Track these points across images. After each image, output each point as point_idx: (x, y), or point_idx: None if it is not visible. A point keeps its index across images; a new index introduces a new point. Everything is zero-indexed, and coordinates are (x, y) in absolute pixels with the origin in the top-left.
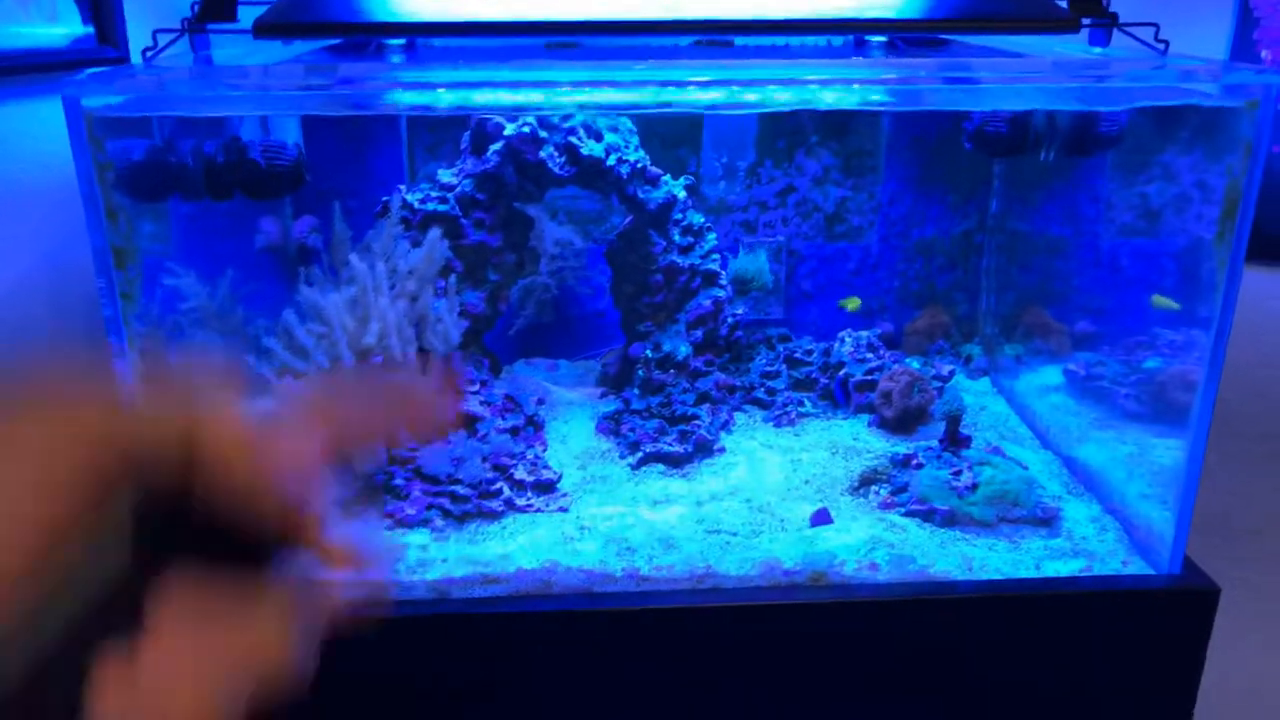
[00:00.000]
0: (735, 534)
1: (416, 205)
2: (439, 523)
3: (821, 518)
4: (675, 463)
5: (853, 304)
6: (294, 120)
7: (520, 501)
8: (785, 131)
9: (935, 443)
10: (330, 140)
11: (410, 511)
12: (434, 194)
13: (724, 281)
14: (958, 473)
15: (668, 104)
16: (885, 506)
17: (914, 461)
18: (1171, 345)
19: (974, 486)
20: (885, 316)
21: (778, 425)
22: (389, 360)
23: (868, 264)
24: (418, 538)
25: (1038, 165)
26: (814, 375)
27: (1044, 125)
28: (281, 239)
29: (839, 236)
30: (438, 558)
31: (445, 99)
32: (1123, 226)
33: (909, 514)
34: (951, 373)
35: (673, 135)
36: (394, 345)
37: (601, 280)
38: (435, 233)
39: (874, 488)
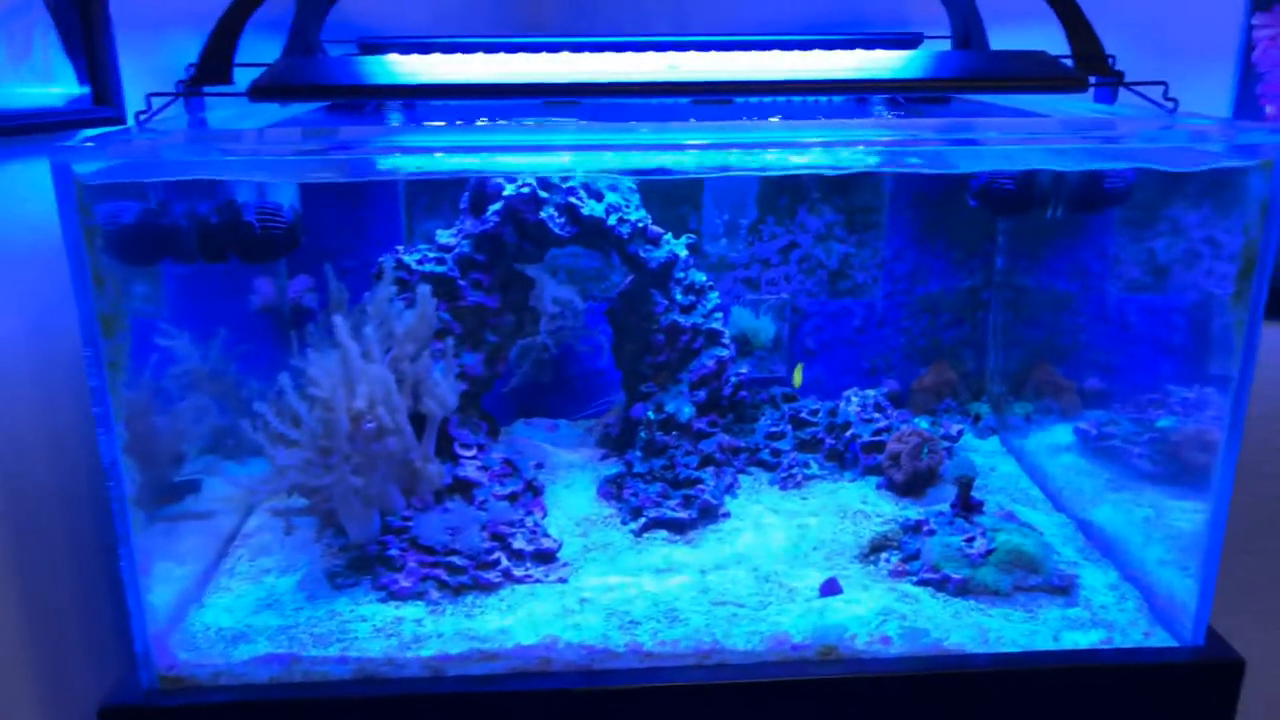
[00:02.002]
0: (742, 605)
1: (414, 266)
2: (434, 595)
3: (831, 588)
4: (679, 529)
5: (797, 378)
6: (289, 184)
7: (519, 572)
8: (787, 189)
9: (947, 507)
10: (327, 200)
11: (405, 583)
12: (431, 255)
13: (727, 340)
14: (971, 539)
15: (665, 169)
16: (896, 575)
17: (925, 527)
18: (1185, 403)
19: (988, 553)
20: (891, 374)
21: (783, 488)
22: (381, 426)
23: (873, 320)
24: (412, 611)
25: (1044, 221)
26: (820, 435)
27: (1050, 182)
28: (277, 299)
29: (843, 293)
30: (433, 633)
31: (444, 163)
32: (1131, 282)
33: (921, 582)
34: (960, 432)
35: (674, 194)
36: (383, 411)
37: (601, 339)
38: (425, 290)
39: (884, 555)
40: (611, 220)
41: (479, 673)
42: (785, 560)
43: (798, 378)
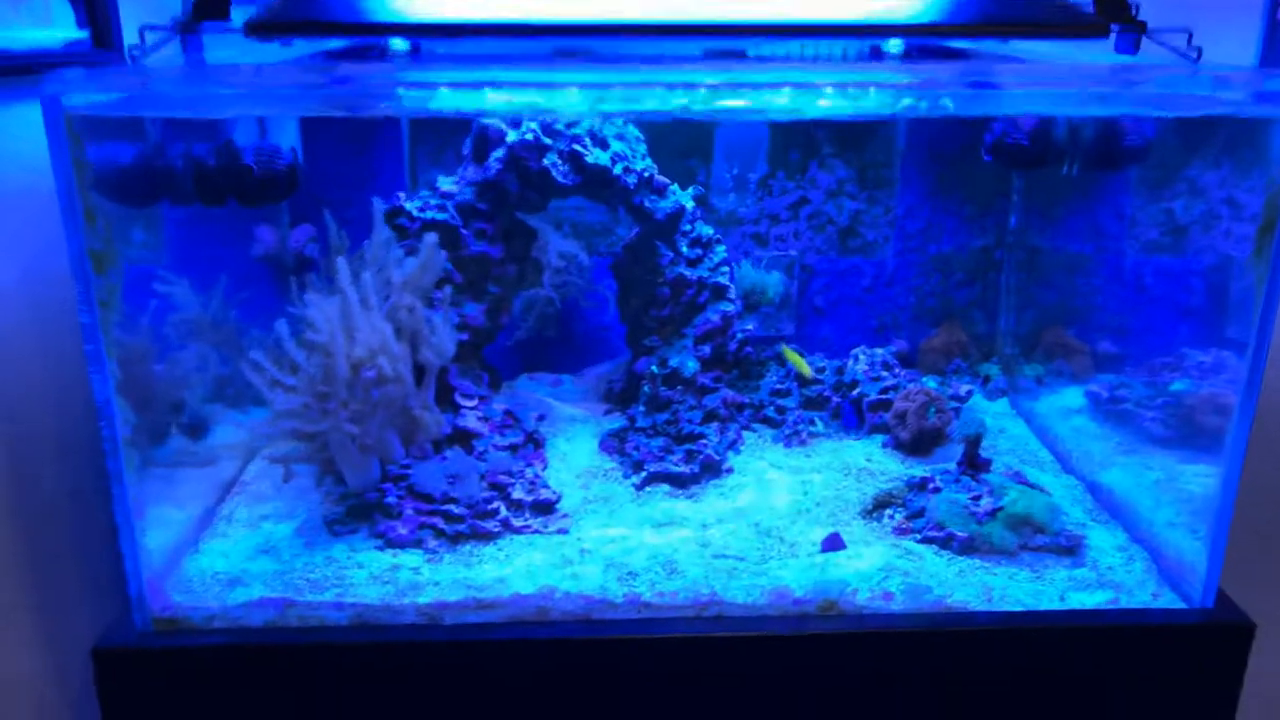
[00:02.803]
0: (742, 559)
1: (415, 213)
2: (432, 543)
3: (833, 543)
4: (681, 483)
5: (796, 361)
6: (291, 125)
7: (517, 522)
8: (798, 143)
9: (953, 466)
10: (329, 146)
11: (402, 531)
12: (433, 202)
13: (733, 295)
14: (977, 497)
15: (686, 112)
16: (900, 532)
17: (931, 485)
18: (1200, 367)
19: (994, 512)
20: (900, 334)
21: (788, 445)
22: (382, 375)
23: (882, 279)
24: (410, 559)
25: (1059, 179)
26: (826, 394)
27: (1066, 138)
28: (279, 248)
29: (853, 251)
30: (430, 580)
31: (447, 100)
32: (1147, 243)
33: (925, 540)
34: (969, 393)
35: (682, 145)
36: (383, 359)
37: (606, 294)
38: (431, 239)
39: (888, 512)
40: (617, 169)
41: (475, 620)
42: (787, 516)
43: (803, 365)
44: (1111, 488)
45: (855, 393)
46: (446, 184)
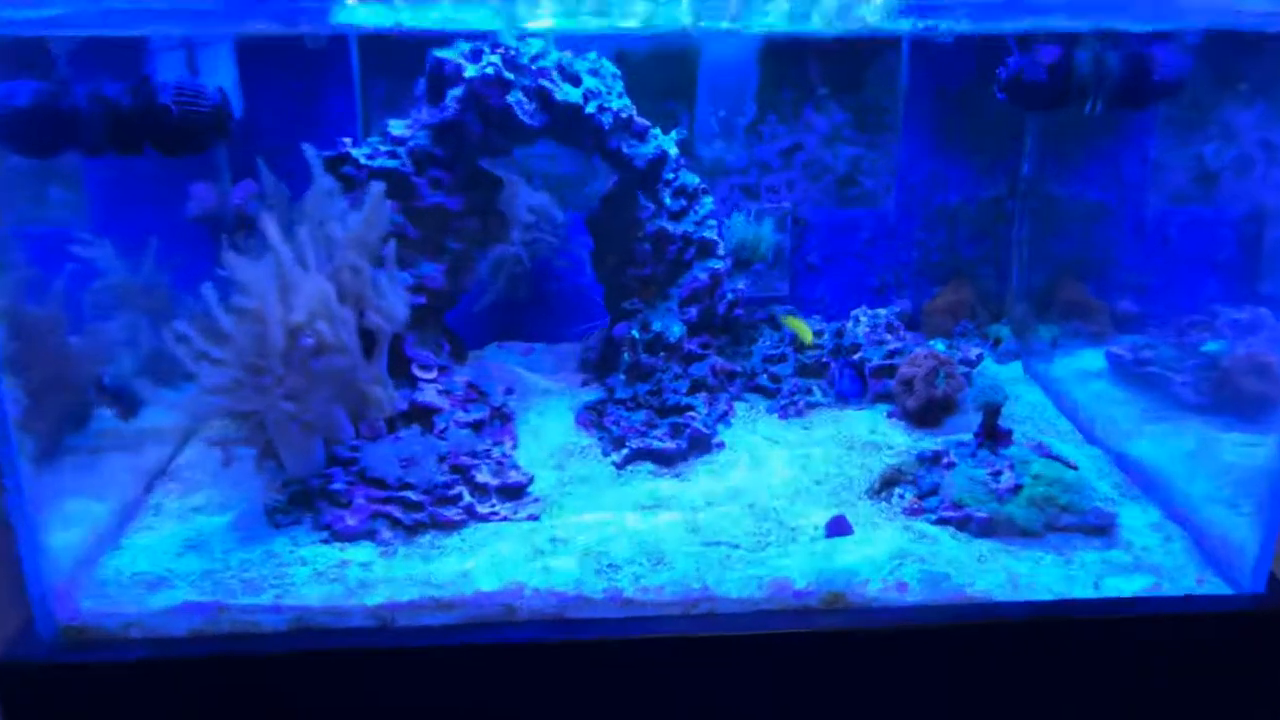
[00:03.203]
0: (737, 546)
1: (363, 161)
2: (386, 535)
3: (838, 527)
4: (666, 461)
5: (796, 326)
6: (227, 63)
7: (483, 509)
8: (791, 82)
9: (969, 437)
10: (272, 89)
11: (351, 522)
12: (383, 148)
13: (721, 252)
14: (997, 473)
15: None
16: (912, 512)
17: (945, 459)
18: (1235, 325)
19: (1016, 489)
20: (903, 293)
21: (783, 416)
22: (321, 342)
23: (883, 233)
24: (360, 553)
25: (1078, 121)
26: (824, 360)
27: (1090, 72)
28: (217, 206)
29: (851, 201)
30: (383, 577)
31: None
32: (1174, 192)
33: (940, 521)
34: (979, 356)
35: (662, 84)
36: (323, 325)
37: (583, 252)
38: (378, 189)
39: (898, 490)
40: (590, 108)
41: (434, 623)
42: (786, 496)
43: (805, 330)
44: (1141, 459)
45: (856, 357)
46: (398, 128)
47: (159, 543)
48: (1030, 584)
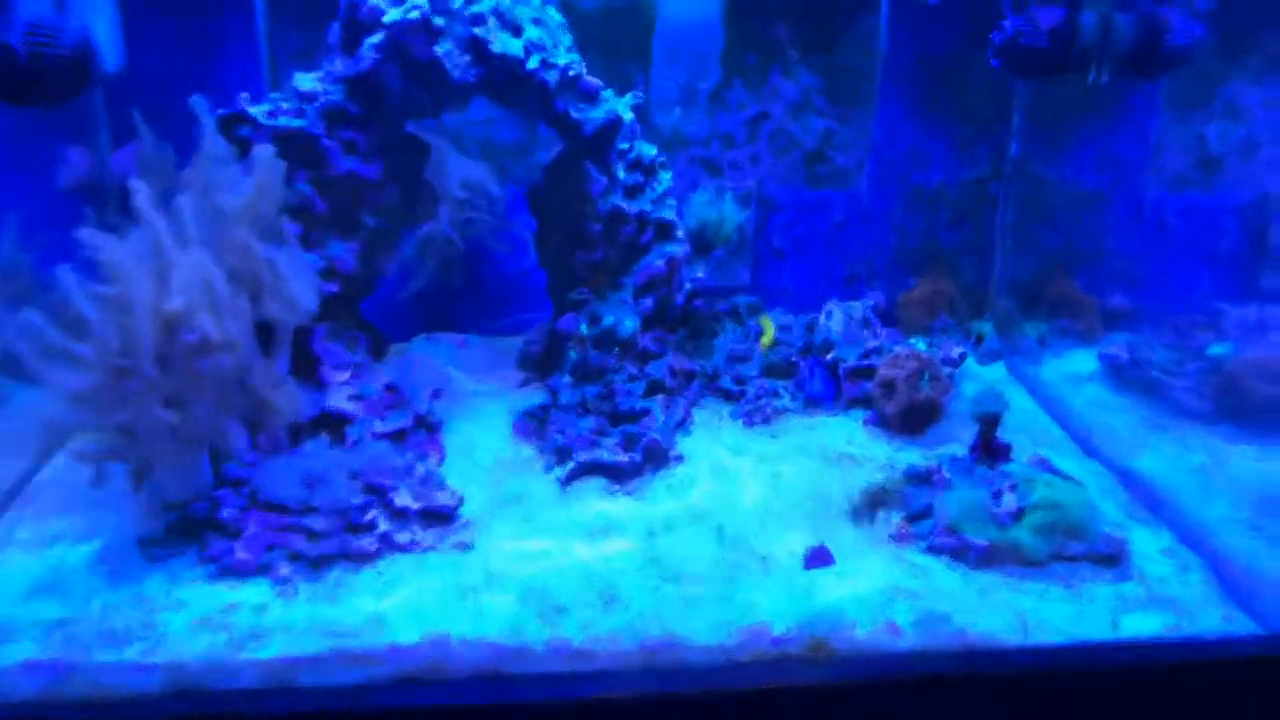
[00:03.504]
0: (702, 581)
1: (262, 120)
2: (284, 570)
3: (819, 557)
4: (618, 476)
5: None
6: (104, 4)
7: (402, 537)
8: (757, 44)
9: (962, 452)
10: (163, 42)
11: (243, 555)
12: (286, 105)
13: (680, 234)
14: (998, 494)
15: None
16: (900, 538)
17: (937, 477)
18: (1242, 325)
19: (1020, 513)
20: (876, 283)
21: (749, 423)
22: (205, 337)
23: (856, 215)
24: (253, 593)
25: (1076, 94)
26: (793, 359)
27: (1096, 37)
28: (94, 173)
29: (822, 180)
30: (279, 624)
31: None
32: (1174, 176)
33: (933, 549)
34: (962, 355)
35: (615, 42)
36: (205, 317)
37: (524, 232)
38: (263, 151)
39: (882, 512)
40: (532, 62)
41: (341, 682)
42: (756, 518)
43: (769, 332)
44: (1146, 475)
45: (830, 357)
46: (307, 82)
47: (3, 581)
48: (1039, 623)
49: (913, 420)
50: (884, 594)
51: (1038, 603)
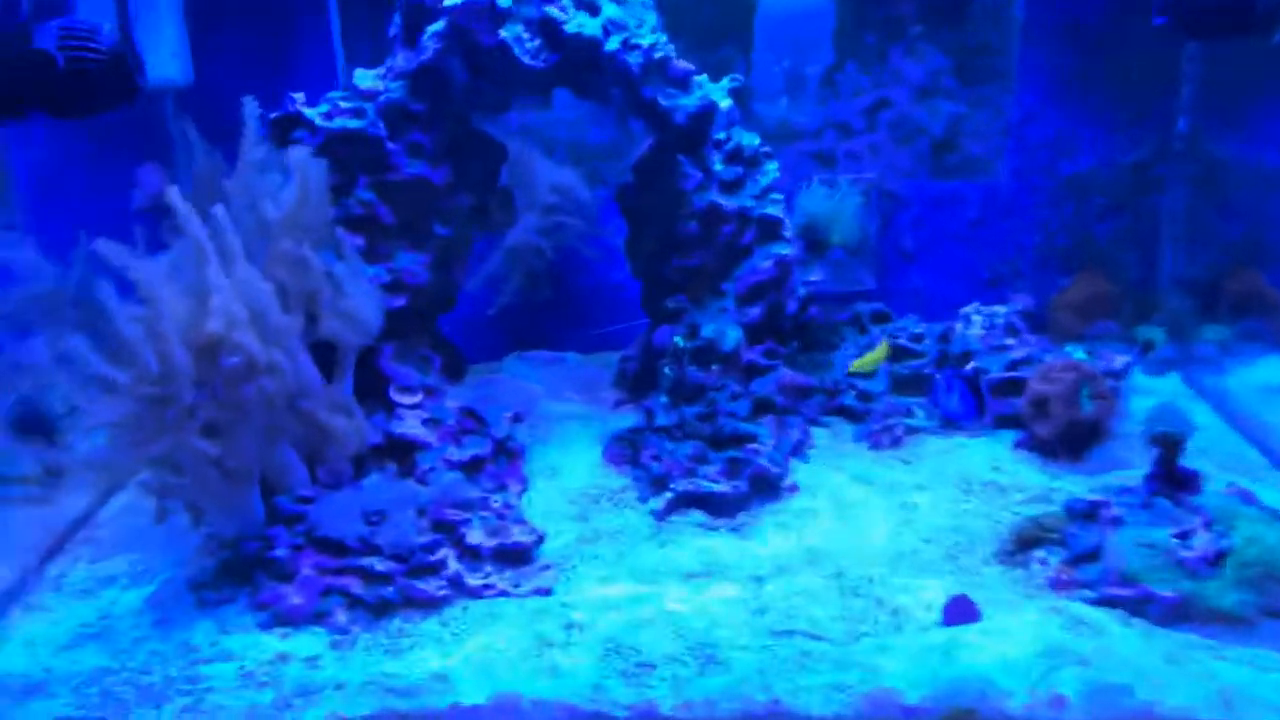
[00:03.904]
0: (819, 638)
1: (319, 122)
2: (341, 617)
3: (960, 610)
4: (722, 508)
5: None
6: (171, 20)
7: (474, 580)
8: (875, 21)
9: (1136, 479)
10: (234, 53)
11: (296, 600)
12: (345, 105)
13: (789, 233)
14: (1186, 534)
15: None
16: (1060, 586)
17: (1106, 512)
18: None
19: (1217, 557)
20: (1021, 285)
21: (876, 446)
22: (249, 360)
23: (995, 210)
24: (306, 643)
25: (1261, 57)
26: (928, 371)
27: None
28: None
29: (953, 171)
30: (331, 680)
31: None
32: None
33: (1105, 601)
34: (1127, 366)
35: (710, 25)
36: (246, 337)
37: (619, 239)
38: (302, 153)
39: (1039, 553)
40: (612, 44)
41: None
42: (885, 561)
43: (873, 358)
44: None
45: (969, 368)
46: (367, 79)
47: (49, 629)
48: (1247, 699)
49: (1072, 443)
50: (1044, 657)
51: (1244, 671)
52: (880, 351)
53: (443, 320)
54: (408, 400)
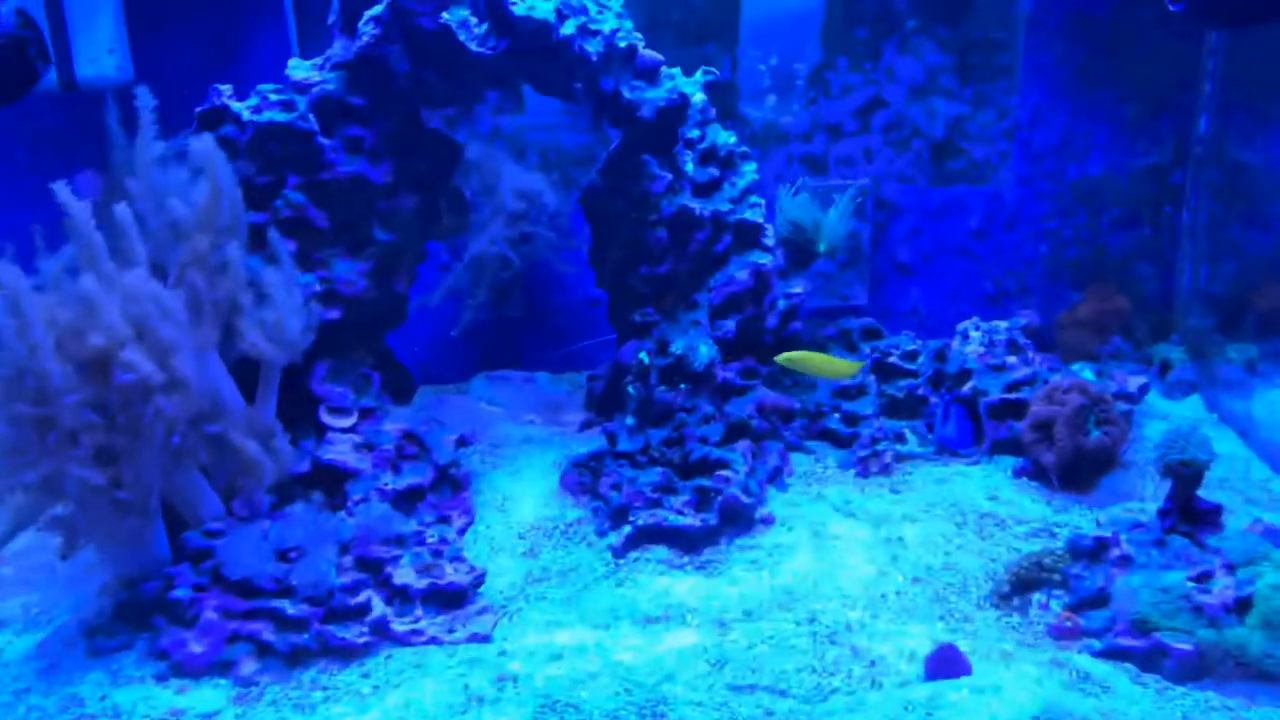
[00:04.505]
0: (784, 693)
1: (246, 116)
2: (248, 667)
3: (945, 663)
4: (687, 544)
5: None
6: (106, 17)
7: (401, 625)
8: (867, 15)
9: (1149, 514)
10: (181, 50)
11: (197, 648)
12: (275, 97)
13: (770, 240)
14: (1204, 576)
15: None
16: (1061, 634)
17: (1115, 551)
18: None
19: (1240, 604)
20: (1028, 300)
21: (863, 474)
22: (143, 378)
23: (998, 219)
24: (206, 697)
25: None
26: (921, 392)
27: None
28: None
29: (953, 177)
30: None
31: None
32: None
33: (1111, 653)
34: (1143, 388)
35: (691, 20)
36: (137, 352)
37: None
38: (204, 144)
39: (1039, 596)
40: (567, 28)
41: None
42: (865, 603)
43: (828, 367)
44: None
45: (967, 390)
46: (301, 70)
47: None
48: None
49: (1078, 472)
50: (1039, 717)
51: None
52: (845, 365)
53: (407, 337)
54: (340, 423)
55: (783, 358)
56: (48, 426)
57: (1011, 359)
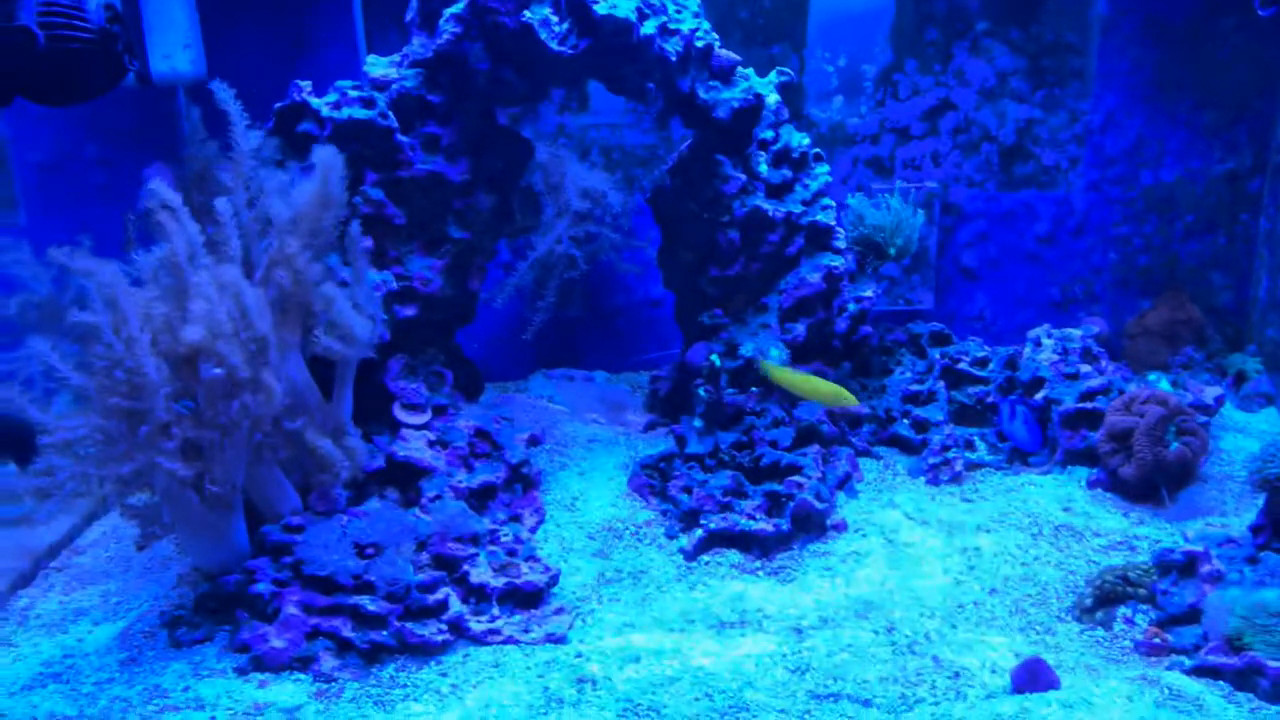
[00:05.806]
0: (867, 703)
1: (324, 112)
2: (329, 663)
3: (1033, 676)
4: (759, 548)
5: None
6: (180, 14)
7: (478, 624)
8: (938, 16)
9: (1240, 529)
10: (250, 47)
11: (278, 643)
12: (354, 94)
13: (841, 243)
14: None
15: None
16: (1149, 650)
17: (1205, 567)
18: None
19: None
20: (1095, 308)
21: (933, 482)
22: (232, 374)
23: (1067, 225)
24: (286, 692)
25: None
26: (992, 399)
27: None
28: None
29: (1022, 182)
30: None
31: None
32: None
33: (1203, 670)
34: (1219, 400)
35: (758, 20)
36: (227, 347)
37: (652, 250)
38: (326, 154)
39: (1123, 610)
40: (647, 28)
41: None
42: (944, 613)
43: (792, 381)
44: None
45: (1039, 398)
46: (380, 67)
47: (8, 668)
48: None
49: (1155, 485)
50: None
51: None
52: (829, 390)
53: (467, 334)
54: (414, 420)
55: (773, 374)
56: (139, 420)
57: (1085, 368)
